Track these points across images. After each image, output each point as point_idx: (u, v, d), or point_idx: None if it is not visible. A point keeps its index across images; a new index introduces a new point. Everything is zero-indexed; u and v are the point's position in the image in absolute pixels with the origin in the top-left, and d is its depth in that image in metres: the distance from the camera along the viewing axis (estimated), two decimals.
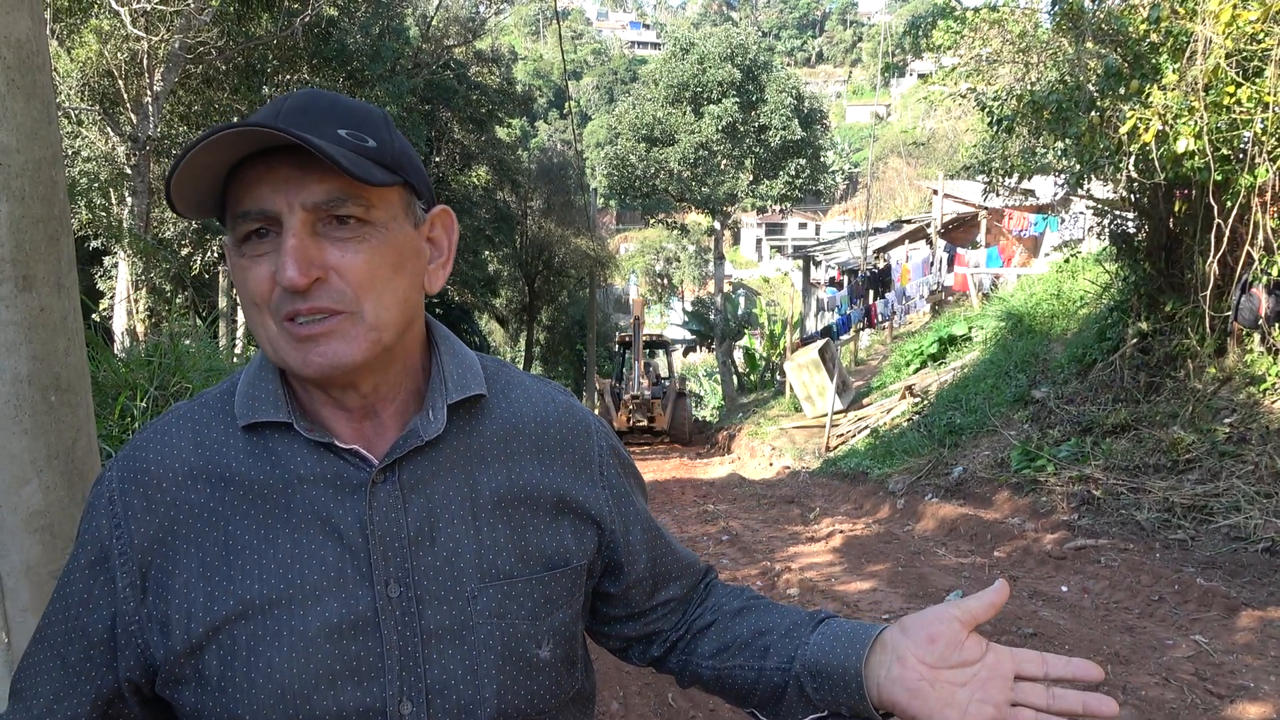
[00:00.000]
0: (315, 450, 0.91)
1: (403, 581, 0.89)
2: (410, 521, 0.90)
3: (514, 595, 0.93)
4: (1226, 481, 6.05)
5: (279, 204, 0.83)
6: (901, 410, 12.53)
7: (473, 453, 0.96)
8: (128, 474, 0.92)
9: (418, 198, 0.93)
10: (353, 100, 0.90)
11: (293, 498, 0.90)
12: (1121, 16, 7.02)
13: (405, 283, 0.90)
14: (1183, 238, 7.54)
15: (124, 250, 10.17)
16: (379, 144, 0.87)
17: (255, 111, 0.88)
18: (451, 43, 20.82)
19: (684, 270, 51.48)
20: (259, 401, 0.92)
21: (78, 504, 1.81)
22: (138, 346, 7.45)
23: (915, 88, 67.49)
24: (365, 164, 0.84)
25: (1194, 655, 4.18)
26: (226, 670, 0.86)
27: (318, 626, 0.86)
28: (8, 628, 1.70)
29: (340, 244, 0.85)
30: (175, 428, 0.94)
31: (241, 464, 0.91)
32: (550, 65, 78.99)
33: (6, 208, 1.62)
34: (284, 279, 0.82)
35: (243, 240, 0.86)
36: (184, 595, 0.87)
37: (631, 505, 1.07)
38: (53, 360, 1.74)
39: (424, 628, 0.89)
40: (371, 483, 0.90)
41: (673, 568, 1.12)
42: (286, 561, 0.88)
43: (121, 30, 9.72)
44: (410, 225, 0.91)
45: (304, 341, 0.85)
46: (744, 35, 27.57)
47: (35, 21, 1.68)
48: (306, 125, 0.83)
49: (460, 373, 0.97)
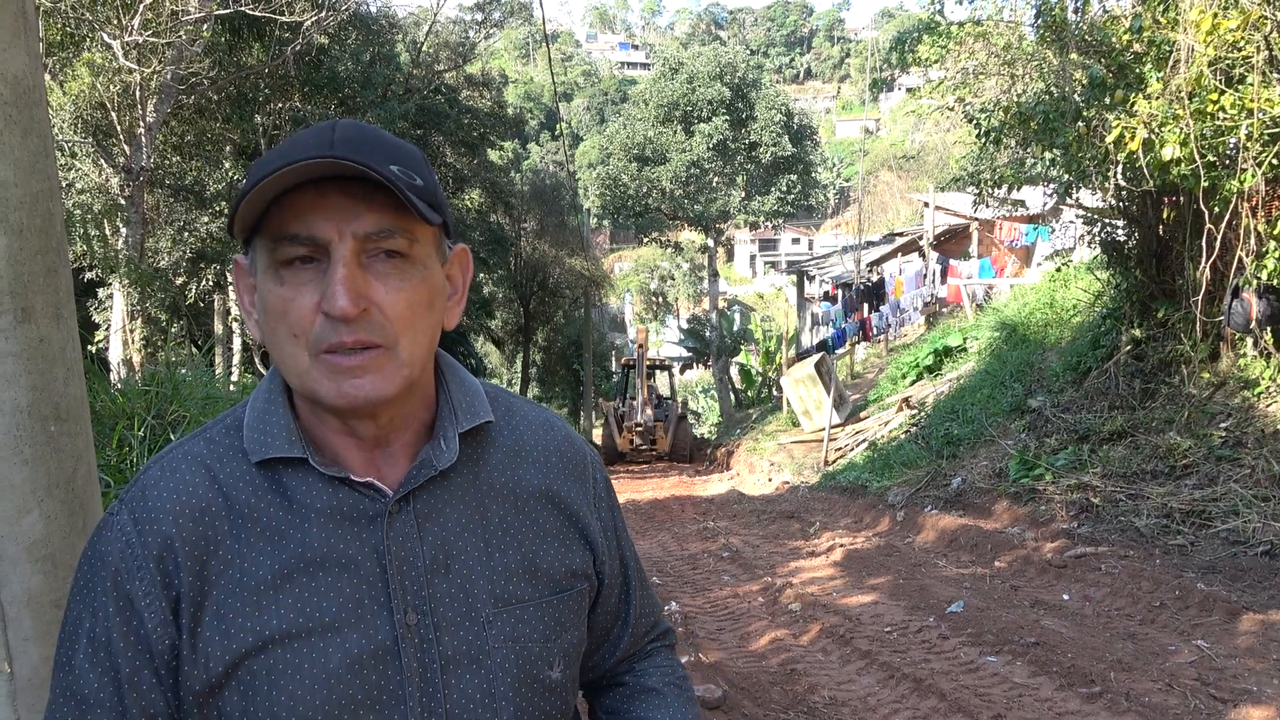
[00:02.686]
0: (330, 484, 0.91)
1: (420, 609, 0.90)
2: (426, 550, 0.91)
3: (526, 619, 0.95)
4: (1224, 486, 6.06)
5: (330, 232, 0.83)
6: (899, 423, 12.55)
7: (482, 480, 0.97)
8: (139, 516, 0.90)
9: (447, 236, 0.95)
10: (394, 136, 0.92)
11: (308, 532, 0.90)
12: (1104, 27, 7.10)
13: (434, 320, 0.92)
14: (1173, 244, 7.59)
15: (120, 280, 10.18)
16: (425, 183, 0.88)
17: (287, 140, 0.88)
18: (442, 67, 20.95)
19: (679, 288, 51.55)
20: (271, 436, 0.92)
21: (79, 533, 1.81)
22: (134, 376, 7.46)
23: (904, 102, 67.94)
24: (418, 201, 0.85)
25: (1196, 660, 4.18)
26: (249, 705, 0.86)
27: (339, 659, 0.87)
28: (10, 657, 1.70)
29: (383, 278, 0.85)
30: (185, 465, 0.93)
31: (258, 501, 0.91)
32: (541, 88, 79.46)
33: (4, 240, 1.63)
34: (335, 308, 0.82)
35: (282, 265, 0.86)
36: (201, 635, 0.87)
37: (617, 540, 1.10)
38: (52, 390, 1.75)
39: (442, 654, 0.90)
40: (388, 513, 0.91)
41: (640, 612, 1.15)
42: (304, 596, 0.88)
43: (114, 63, 9.78)
44: (440, 263, 0.93)
45: (341, 374, 0.85)
46: (732, 54, 27.79)
47: (32, 57, 1.70)
48: (363, 154, 0.84)
49: (469, 401, 0.98)
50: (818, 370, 15.06)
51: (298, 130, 0.96)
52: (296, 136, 0.87)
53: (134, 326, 10.60)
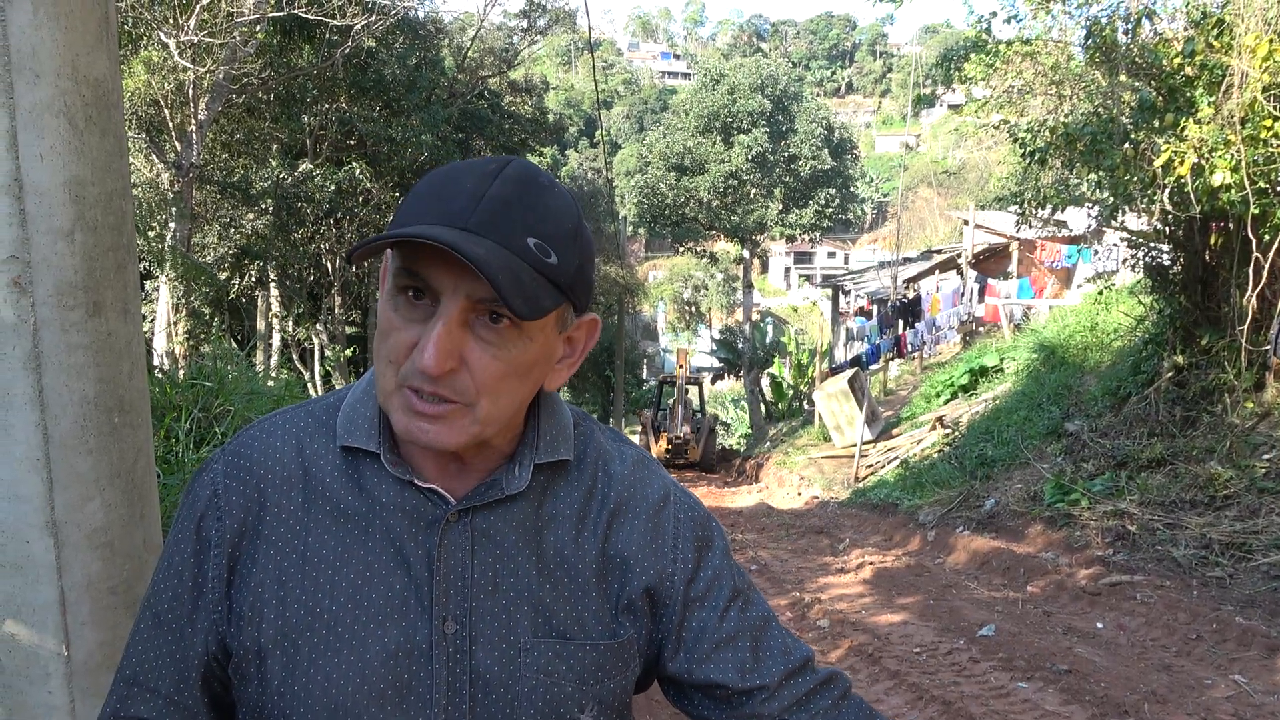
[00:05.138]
0: (398, 483, 0.94)
1: (460, 620, 0.92)
2: (476, 565, 0.93)
3: (565, 656, 0.94)
4: (1266, 519, 5.95)
5: (444, 285, 0.84)
6: (932, 441, 12.43)
7: (547, 513, 0.98)
8: (232, 468, 0.95)
9: (575, 309, 0.94)
10: (553, 199, 0.89)
11: (372, 522, 0.93)
12: (1155, 50, 7.01)
13: (529, 387, 0.92)
14: (1219, 271, 7.47)
15: (168, 274, 10.39)
16: (560, 261, 0.86)
17: (448, 174, 0.87)
18: (486, 73, 21.14)
19: (712, 298, 51.48)
20: (356, 426, 0.95)
21: (137, 521, 1.87)
22: (177, 369, 7.61)
23: (945, 118, 67.45)
24: (538, 291, 0.84)
25: (1233, 696, 4.11)
26: (288, 677, 0.90)
27: (376, 650, 0.90)
28: (68, 641, 1.76)
29: (484, 343, 0.86)
30: (281, 431, 0.98)
31: (333, 480, 0.95)
32: (582, 95, 79.86)
33: (81, 237, 1.69)
34: (421, 362, 0.83)
35: (399, 291, 0.87)
36: (258, 594, 0.91)
37: (701, 582, 1.02)
38: (117, 383, 1.81)
39: (474, 669, 0.92)
40: (445, 520, 0.93)
41: (769, 648, 1.04)
42: (357, 583, 0.91)
43: (169, 62, 10.01)
44: (556, 332, 0.92)
45: (414, 414, 0.87)
46: (774, 66, 27.81)
47: (112, 61, 1.76)
48: (500, 226, 0.84)
49: (553, 435, 0.99)
50: (851, 385, 14.97)
51: (460, 160, 0.90)
52: (456, 176, 0.87)
53: (178, 319, 10.81)
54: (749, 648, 1.01)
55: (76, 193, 1.68)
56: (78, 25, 1.67)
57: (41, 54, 1.62)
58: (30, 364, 1.66)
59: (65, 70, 1.65)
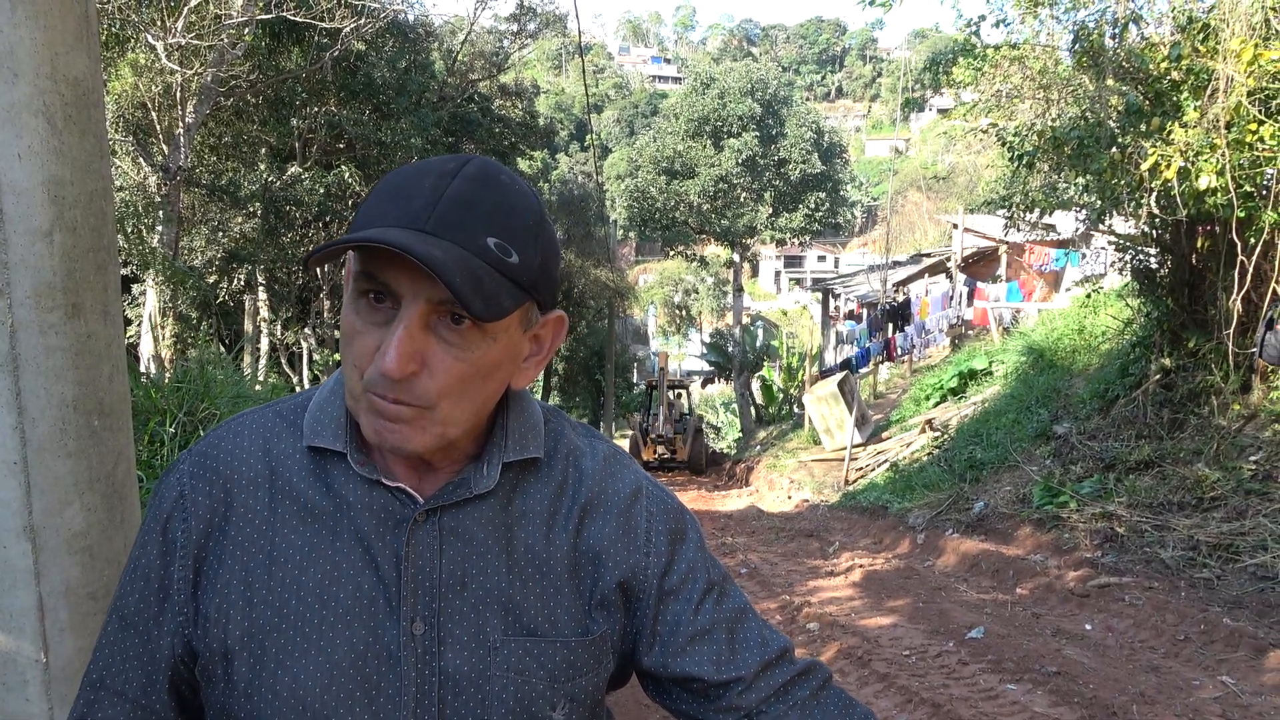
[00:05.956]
0: (365, 482, 0.93)
1: (428, 620, 0.91)
2: (444, 564, 0.92)
3: (536, 654, 0.93)
4: (1253, 520, 5.98)
5: (404, 288, 0.83)
6: (921, 444, 12.46)
7: (517, 511, 0.97)
8: (198, 469, 0.95)
9: (539, 307, 0.93)
10: (514, 197, 0.88)
11: (340, 521, 0.92)
12: (1142, 54, 7.06)
13: (492, 387, 0.91)
14: (1205, 274, 7.51)
15: (154, 277, 10.34)
16: (521, 260, 0.86)
17: (409, 173, 0.86)
18: (476, 76, 21.11)
19: (702, 302, 51.55)
20: (323, 426, 0.95)
21: (117, 526, 1.85)
22: (164, 373, 7.56)
23: (935, 122, 67.76)
24: (498, 292, 0.83)
25: (1221, 696, 4.12)
26: (255, 679, 0.89)
27: (344, 650, 0.89)
28: (46, 647, 1.73)
29: (446, 345, 0.85)
30: (249, 431, 0.97)
31: (300, 480, 0.94)
32: (572, 99, 79.90)
33: (60, 238, 1.67)
34: (382, 365, 0.82)
35: (361, 295, 0.86)
36: (224, 595, 0.90)
37: (675, 575, 1.01)
38: (97, 386, 1.79)
39: (442, 668, 0.90)
40: (413, 520, 0.92)
41: (745, 640, 1.03)
42: (324, 583, 0.90)
43: (157, 64, 9.95)
44: (521, 331, 0.91)
45: (379, 415, 0.86)
46: (764, 70, 27.90)
47: (92, 60, 1.75)
48: (459, 226, 0.83)
49: (522, 433, 0.98)
50: (841, 389, 15.00)
51: (422, 159, 0.87)
52: (416, 176, 0.86)
53: (165, 323, 10.75)
54: (725, 640, 1.01)
55: (55, 193, 1.66)
56: (57, 24, 1.65)
57: (20, 53, 1.60)
58: (7, 366, 1.64)
59: (44, 69, 1.63)
